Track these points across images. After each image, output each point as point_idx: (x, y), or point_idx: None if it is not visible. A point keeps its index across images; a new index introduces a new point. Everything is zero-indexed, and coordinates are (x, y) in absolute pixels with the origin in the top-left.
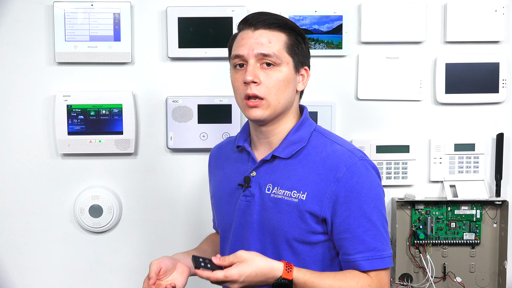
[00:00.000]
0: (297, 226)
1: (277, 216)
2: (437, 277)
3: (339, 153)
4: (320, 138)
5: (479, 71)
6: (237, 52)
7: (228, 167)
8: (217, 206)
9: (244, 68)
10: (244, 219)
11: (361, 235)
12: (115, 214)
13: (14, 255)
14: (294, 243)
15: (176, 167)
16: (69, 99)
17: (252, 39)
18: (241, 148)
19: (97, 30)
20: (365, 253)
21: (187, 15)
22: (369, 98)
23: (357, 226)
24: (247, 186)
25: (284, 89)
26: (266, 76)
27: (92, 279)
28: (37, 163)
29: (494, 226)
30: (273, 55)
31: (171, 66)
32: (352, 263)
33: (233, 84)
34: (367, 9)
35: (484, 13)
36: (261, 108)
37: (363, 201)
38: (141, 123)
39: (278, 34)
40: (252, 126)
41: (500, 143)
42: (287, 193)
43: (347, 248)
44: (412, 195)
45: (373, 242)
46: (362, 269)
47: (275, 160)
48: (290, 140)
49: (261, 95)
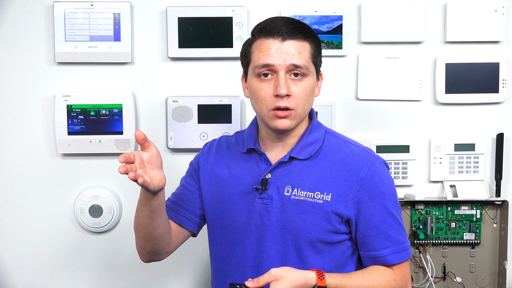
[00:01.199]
0: (321, 227)
1: (300, 218)
2: (437, 277)
3: (357, 153)
4: (333, 139)
5: (479, 71)
6: (265, 62)
7: (236, 168)
8: (222, 207)
9: (270, 78)
10: (261, 222)
11: (386, 231)
12: (115, 214)
13: (14, 255)
14: (317, 244)
15: (176, 167)
16: (69, 99)
17: (282, 49)
18: (251, 149)
19: (97, 30)
20: (392, 248)
21: (187, 15)
22: (369, 98)
23: (382, 222)
24: (264, 189)
25: (310, 98)
26: (296, 87)
27: (92, 279)
28: (37, 163)
29: (494, 226)
30: (304, 66)
31: (171, 66)
32: (379, 258)
33: (257, 93)
34: (367, 9)
35: (484, 13)
36: (289, 119)
37: (386, 199)
38: (141, 123)
39: (304, 44)
40: (265, 131)
41: (500, 143)
42: (310, 194)
43: (373, 245)
44: (412, 195)
45: (397, 236)
46: (391, 263)
47: (293, 162)
48: (306, 142)
49: (291, 107)
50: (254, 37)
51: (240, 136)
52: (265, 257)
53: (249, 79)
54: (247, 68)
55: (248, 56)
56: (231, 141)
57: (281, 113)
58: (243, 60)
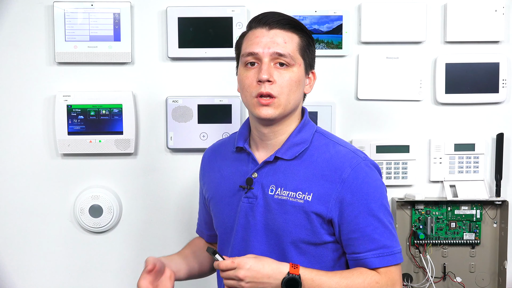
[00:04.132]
0: (303, 227)
1: (282, 218)
2: (437, 277)
3: (342, 154)
4: (322, 140)
5: (479, 71)
6: (250, 50)
7: (226, 169)
8: (216, 208)
9: (256, 67)
10: (246, 221)
11: (371, 233)
12: (115, 214)
13: (14, 255)
14: (300, 244)
15: (176, 167)
16: (69, 99)
17: (267, 38)
18: (240, 149)
19: (97, 30)
20: (375, 251)
21: (187, 15)
22: (369, 98)
23: (366, 225)
24: (249, 188)
25: (295, 90)
26: (280, 76)
27: (92, 279)
28: (37, 163)
29: (494, 226)
30: (288, 56)
31: (171, 66)
32: (361, 261)
33: (243, 82)
34: (367, 9)
35: (484, 13)
36: (272, 107)
37: (370, 201)
38: (141, 123)
39: (292, 35)
40: (255, 127)
41: (500, 143)
42: (292, 194)
43: (356, 247)
44: (412, 195)
45: (382, 239)
46: (372, 267)
47: (278, 161)
48: (293, 142)
49: (274, 94)
50: (247, 30)
51: (233, 136)
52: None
53: (238, 70)
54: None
55: (239, 47)
56: (225, 142)
57: (264, 100)
58: (236, 52)
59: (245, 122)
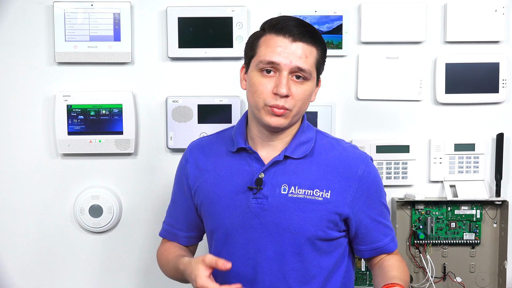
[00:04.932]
0: (321, 224)
1: (299, 216)
2: (437, 277)
3: (349, 150)
4: (324, 139)
5: (479, 71)
6: (271, 59)
7: (222, 168)
8: (213, 209)
9: (273, 76)
10: (257, 222)
11: (383, 222)
12: (115, 214)
13: (14, 255)
14: (316, 241)
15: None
16: (69, 99)
17: (290, 50)
18: (240, 148)
19: (97, 30)
20: (390, 237)
21: (187, 15)
22: (369, 98)
23: (379, 215)
24: (259, 189)
25: (307, 102)
26: (296, 89)
27: (92, 279)
28: (37, 163)
29: (494, 226)
30: (308, 71)
31: (171, 66)
32: (382, 248)
33: (256, 87)
34: (367, 9)
35: (484, 13)
36: (284, 118)
37: (380, 193)
38: (141, 123)
39: (311, 49)
40: (256, 128)
41: (500, 143)
42: (309, 192)
43: (375, 237)
44: (412, 195)
45: (389, 224)
46: (392, 250)
47: (287, 161)
48: (299, 141)
49: (288, 107)
50: (263, 31)
51: (224, 135)
52: (262, 257)
53: (250, 72)
54: (250, 60)
55: (254, 49)
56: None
57: (278, 111)
58: (248, 52)
59: (241, 121)
